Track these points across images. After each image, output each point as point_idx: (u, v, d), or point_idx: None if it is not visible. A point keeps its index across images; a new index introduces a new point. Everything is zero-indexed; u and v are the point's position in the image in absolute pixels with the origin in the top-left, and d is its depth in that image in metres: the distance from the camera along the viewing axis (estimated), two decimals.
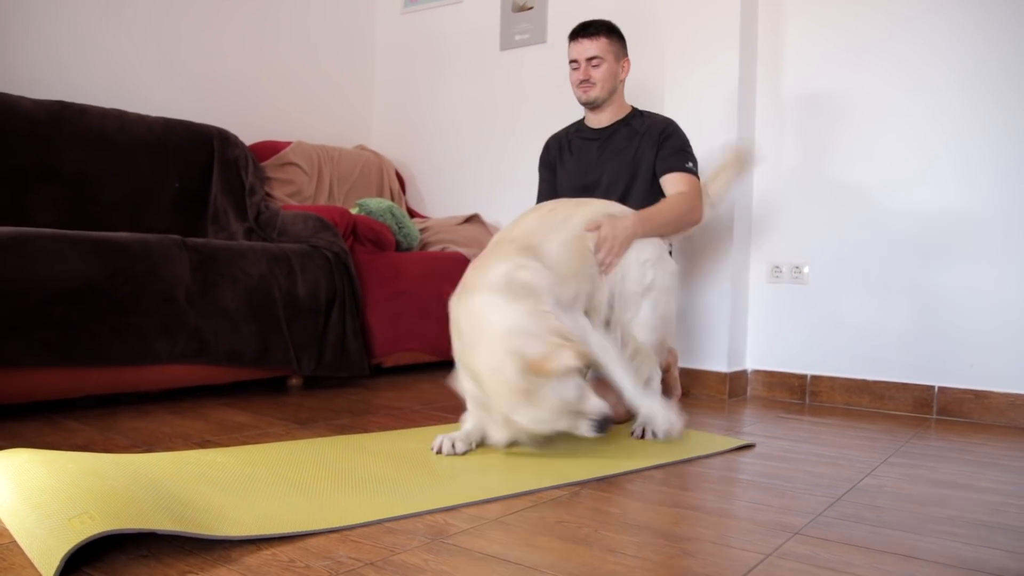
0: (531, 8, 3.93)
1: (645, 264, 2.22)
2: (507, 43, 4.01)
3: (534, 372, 1.68)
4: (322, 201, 3.83)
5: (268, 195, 3.57)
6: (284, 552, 1.24)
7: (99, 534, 1.12)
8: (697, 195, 2.52)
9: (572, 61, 2.65)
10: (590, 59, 2.60)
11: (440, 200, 4.32)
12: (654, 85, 3.41)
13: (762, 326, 3.21)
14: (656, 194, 2.58)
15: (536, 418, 1.73)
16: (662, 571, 1.21)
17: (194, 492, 1.46)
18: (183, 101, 3.61)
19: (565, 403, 1.73)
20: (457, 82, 4.25)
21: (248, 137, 3.73)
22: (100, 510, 1.21)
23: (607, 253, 2.18)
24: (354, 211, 3.49)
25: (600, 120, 2.71)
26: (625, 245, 2.21)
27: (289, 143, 3.81)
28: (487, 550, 1.28)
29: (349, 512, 1.43)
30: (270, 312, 2.77)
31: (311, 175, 3.82)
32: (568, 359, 1.69)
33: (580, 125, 2.80)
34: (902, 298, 2.89)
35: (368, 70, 4.58)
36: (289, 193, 3.69)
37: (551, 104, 3.79)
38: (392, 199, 4.16)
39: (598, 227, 2.19)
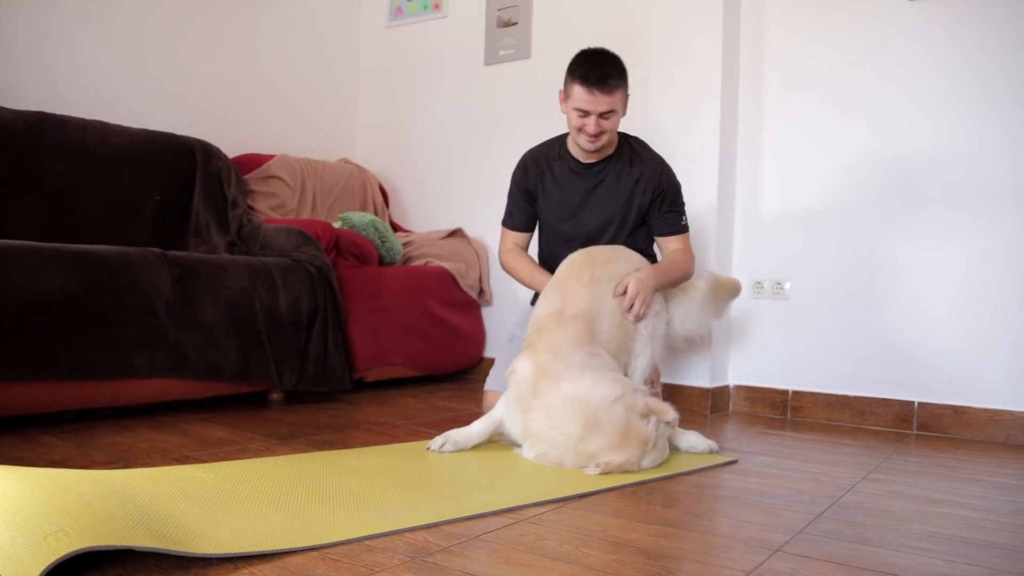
0: (516, 24, 3.95)
1: (658, 315, 2.46)
2: (491, 58, 4.03)
3: (659, 418, 2.05)
4: (305, 215, 3.82)
5: (251, 208, 3.56)
6: (262, 571, 1.22)
7: (75, 552, 1.11)
8: (690, 250, 2.64)
9: (581, 110, 2.41)
10: (604, 113, 2.40)
11: (423, 214, 4.32)
12: (637, 98, 3.44)
13: (744, 342, 3.23)
14: (639, 236, 2.64)
15: (655, 460, 2.04)
16: None
17: (172, 508, 1.45)
18: (165, 113, 3.60)
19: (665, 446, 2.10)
20: (441, 97, 4.26)
21: (231, 150, 3.72)
22: (76, 527, 1.19)
23: (640, 306, 2.35)
24: (337, 225, 3.48)
25: (590, 156, 2.57)
26: (651, 298, 2.39)
27: (272, 156, 3.80)
28: (467, 568, 1.27)
29: (328, 529, 1.42)
30: (251, 326, 2.75)
31: (294, 188, 3.81)
32: (673, 411, 2.09)
33: (563, 151, 2.66)
34: (883, 314, 2.92)
35: (352, 84, 4.58)
36: (272, 206, 3.68)
37: (535, 119, 3.80)
38: (375, 213, 4.15)
39: (626, 287, 2.34)
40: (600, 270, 2.35)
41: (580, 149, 2.57)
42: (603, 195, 2.60)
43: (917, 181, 2.87)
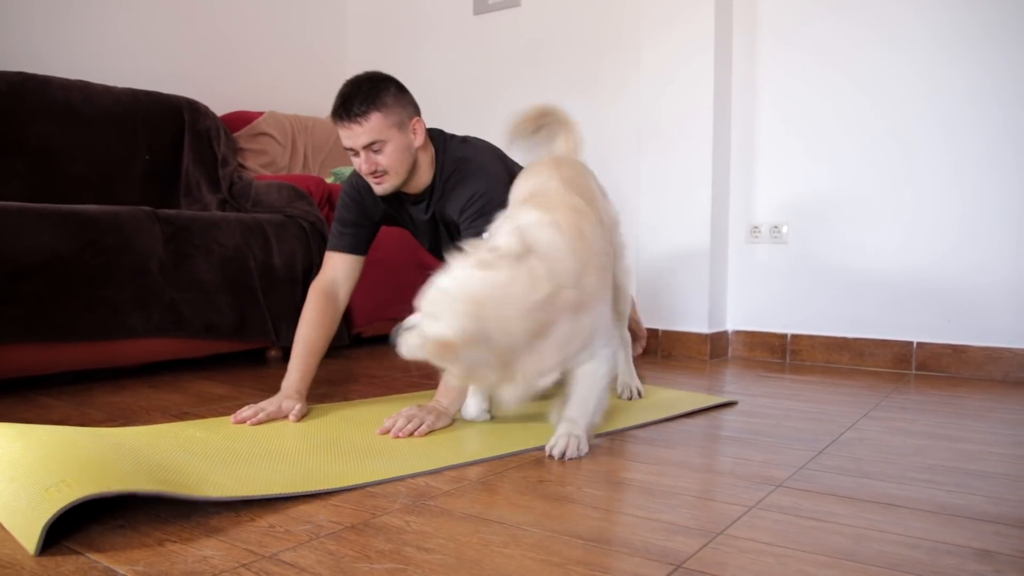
0: None
1: (618, 225, 2.14)
2: (480, 7, 3.95)
3: None
4: (296, 171, 3.78)
5: (241, 166, 3.51)
6: (264, 518, 1.22)
7: (78, 500, 1.10)
8: None
9: (348, 149, 2.02)
10: (368, 145, 1.96)
11: None
12: (629, 46, 3.38)
13: (742, 286, 3.22)
14: None
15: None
16: (647, 525, 1.21)
17: (172, 460, 1.44)
18: (150, 71, 3.53)
19: None
20: (431, 48, 4.18)
21: (219, 108, 3.66)
22: (77, 478, 1.19)
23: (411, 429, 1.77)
24: (329, 180, 3.44)
25: (412, 187, 2.12)
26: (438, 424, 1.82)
27: (261, 113, 3.74)
28: (469, 510, 1.27)
29: (330, 478, 1.41)
30: (246, 283, 2.74)
31: (285, 145, 3.76)
32: None
33: None
34: (880, 256, 2.90)
35: (340, 37, 4.49)
36: (263, 164, 3.64)
37: (526, 68, 3.75)
38: None
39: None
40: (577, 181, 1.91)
41: None
42: (431, 231, 2.22)
43: (911, 123, 2.83)
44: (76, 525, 1.17)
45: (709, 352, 3.09)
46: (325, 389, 2.38)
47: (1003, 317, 2.69)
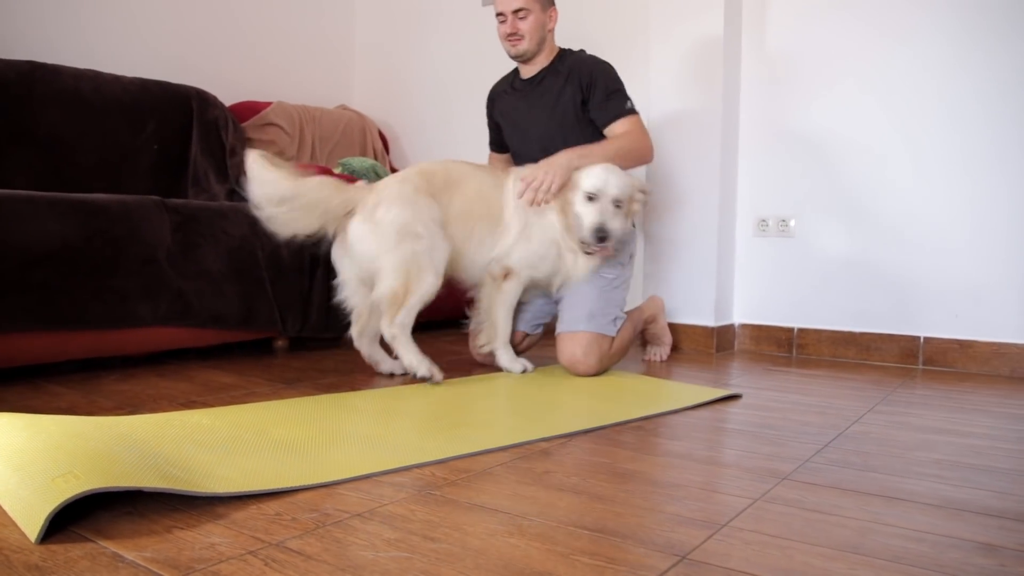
0: None
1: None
2: None
3: None
4: (304, 161, 3.78)
5: None
6: (270, 506, 1.23)
7: (84, 492, 1.11)
8: (644, 133, 2.54)
9: (499, 15, 2.61)
10: (516, 11, 2.56)
11: (425, 159, 4.26)
12: (638, 41, 3.37)
13: (749, 280, 3.21)
14: (594, 136, 2.57)
15: None
16: (650, 516, 1.21)
17: (179, 452, 1.45)
18: (159, 61, 3.53)
19: None
20: (440, 38, 4.18)
21: (227, 97, 3.66)
22: (84, 469, 1.19)
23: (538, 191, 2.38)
24: (337, 171, 3.44)
25: (530, 70, 2.70)
26: (560, 176, 2.38)
27: (269, 103, 3.75)
28: (475, 500, 1.27)
29: (336, 468, 1.42)
30: (254, 273, 2.74)
31: (293, 135, 3.76)
32: None
33: (515, 75, 2.78)
34: (888, 250, 2.89)
35: (349, 27, 4.49)
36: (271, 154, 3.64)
37: None
38: (375, 159, 4.11)
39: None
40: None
41: (521, 65, 2.71)
42: (542, 103, 2.65)
43: (919, 120, 2.81)
44: (85, 511, 1.18)
45: (715, 345, 3.09)
46: (332, 379, 2.39)
47: (1010, 312, 2.68)
